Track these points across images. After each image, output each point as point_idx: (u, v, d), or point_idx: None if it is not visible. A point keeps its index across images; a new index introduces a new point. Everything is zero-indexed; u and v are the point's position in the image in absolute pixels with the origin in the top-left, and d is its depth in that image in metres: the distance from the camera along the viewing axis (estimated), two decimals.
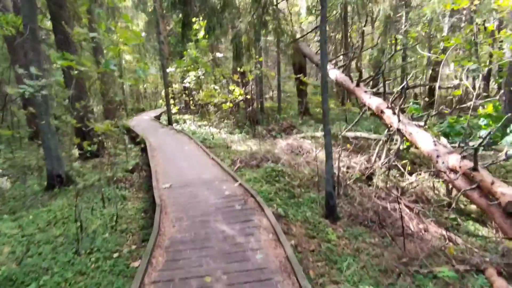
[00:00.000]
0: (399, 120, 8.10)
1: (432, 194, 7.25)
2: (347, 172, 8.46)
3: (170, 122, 15.34)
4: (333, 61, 15.78)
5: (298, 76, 19.54)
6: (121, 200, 7.20)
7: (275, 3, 10.94)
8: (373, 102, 10.01)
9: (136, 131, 14.44)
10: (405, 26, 17.53)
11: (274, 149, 12.40)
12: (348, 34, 22.97)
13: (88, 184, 8.08)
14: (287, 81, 35.36)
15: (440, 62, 10.96)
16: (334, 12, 22.36)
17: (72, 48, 10.18)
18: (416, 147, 8.08)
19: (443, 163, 6.37)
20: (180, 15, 16.12)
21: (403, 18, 19.01)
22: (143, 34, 33.68)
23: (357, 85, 11.75)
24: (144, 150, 10.73)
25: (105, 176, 8.32)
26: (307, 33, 18.19)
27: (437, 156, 6.54)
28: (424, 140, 7.09)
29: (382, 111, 9.32)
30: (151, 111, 25.36)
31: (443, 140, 7.07)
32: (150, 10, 21.97)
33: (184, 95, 18.04)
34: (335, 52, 26.15)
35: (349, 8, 21.65)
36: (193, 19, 14.19)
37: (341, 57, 17.56)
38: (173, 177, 7.23)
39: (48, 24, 12.48)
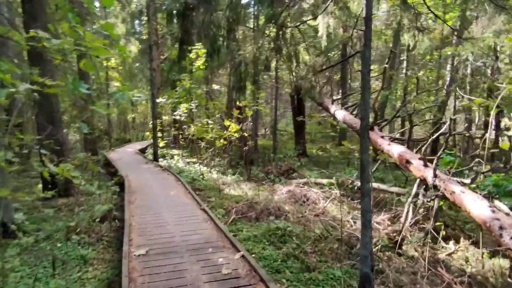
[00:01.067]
0: (436, 175, 6.65)
1: (490, 273, 5.64)
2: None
3: (156, 158, 13.66)
4: (336, 101, 14.61)
5: (300, 118, 18.43)
6: (80, 263, 5.40)
7: (293, 24, 9.69)
8: (395, 149, 8.61)
9: (117, 165, 12.70)
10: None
11: (273, 196, 10.79)
12: (348, 72, 22.18)
13: (41, 237, 6.26)
14: (279, 118, 34.30)
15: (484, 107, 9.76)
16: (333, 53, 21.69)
17: (47, 66, 8.68)
18: (456, 207, 6.60)
19: (510, 238, 4.84)
20: (177, 35, 14.77)
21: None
22: (136, 64, 32.73)
23: (371, 128, 10.43)
24: (122, 191, 9.00)
25: (66, 226, 6.52)
26: (347, 58, 16.88)
27: (500, 228, 5.02)
28: (475, 204, 5.60)
29: (407, 161, 7.90)
30: (137, 143, 23.66)
31: (501, 205, 5.59)
32: (144, 37, 20.86)
33: (173, 129, 16.50)
34: (331, 92, 25.29)
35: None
36: (189, 48, 12.95)
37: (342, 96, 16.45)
38: (152, 236, 5.49)
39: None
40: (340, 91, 24.48)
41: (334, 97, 14.72)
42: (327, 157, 20.98)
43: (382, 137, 9.84)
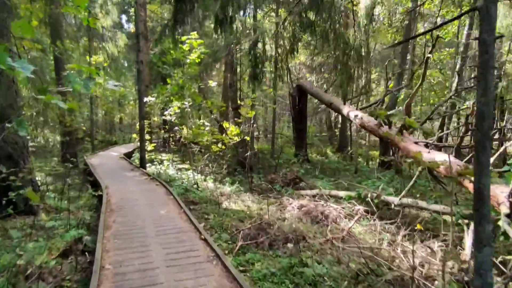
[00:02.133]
0: None
1: None
2: (427, 274, 5.17)
3: (143, 164, 11.81)
4: (349, 101, 12.99)
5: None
6: None
7: None
8: (439, 159, 6.98)
9: (97, 173, 10.83)
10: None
11: (283, 212, 9.09)
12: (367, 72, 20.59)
13: None
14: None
15: None
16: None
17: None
18: None
19: None
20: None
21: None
22: (125, 64, 30.68)
23: (399, 132, 8.80)
24: (100, 207, 7.17)
25: (12, 265, 4.68)
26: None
27: None
28: None
29: (460, 175, 6.27)
30: (123, 145, 21.70)
31: None
32: (132, 30, 18.98)
33: (163, 131, 14.66)
34: (335, 93, 23.75)
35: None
36: (184, 38, 11.15)
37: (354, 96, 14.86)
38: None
39: None
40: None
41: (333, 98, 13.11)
42: (330, 163, 19.36)
43: (416, 143, 8.22)
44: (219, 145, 11.47)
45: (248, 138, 11.09)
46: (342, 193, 9.63)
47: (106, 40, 19.17)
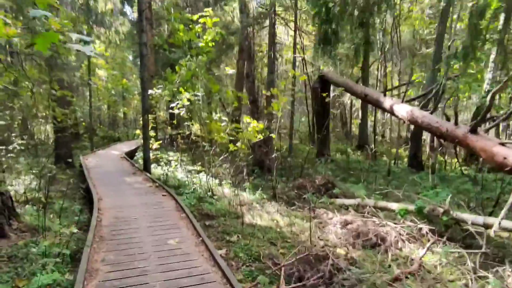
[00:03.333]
0: None
1: None
2: None
3: (147, 167, 9.94)
4: (389, 92, 11.02)
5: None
6: None
7: None
8: None
9: (91, 178, 9.01)
10: None
11: (324, 230, 7.25)
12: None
13: None
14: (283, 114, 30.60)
15: None
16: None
17: None
18: None
19: None
20: None
21: None
22: (130, 58, 28.75)
23: (473, 130, 6.86)
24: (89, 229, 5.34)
25: None
26: None
27: None
28: None
29: None
30: (126, 142, 19.88)
31: None
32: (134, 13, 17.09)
33: (170, 127, 12.81)
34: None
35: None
36: (196, 17, 9.22)
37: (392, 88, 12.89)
38: None
39: None
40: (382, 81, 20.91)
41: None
42: (354, 163, 17.40)
43: (503, 144, 6.27)
44: (239, 144, 9.58)
45: (274, 136, 9.17)
46: (394, 206, 7.70)
47: (106, 27, 17.30)
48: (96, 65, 20.35)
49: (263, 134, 9.12)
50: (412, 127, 16.09)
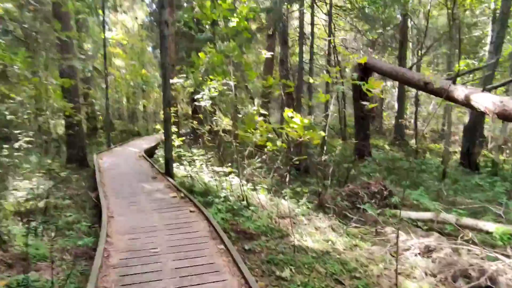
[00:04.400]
0: None
1: None
2: None
3: (169, 170, 8.39)
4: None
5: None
6: None
7: None
8: None
9: (104, 184, 7.54)
10: None
11: (399, 259, 5.53)
12: None
13: None
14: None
15: None
16: None
17: None
18: None
19: None
20: None
21: None
22: (150, 48, 27.33)
23: None
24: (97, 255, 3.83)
25: None
26: None
27: None
28: None
29: None
30: (145, 138, 18.50)
31: None
32: None
33: (195, 121, 11.24)
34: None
35: None
36: None
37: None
38: None
39: None
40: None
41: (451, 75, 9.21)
42: (396, 161, 15.42)
43: None
44: (278, 142, 7.90)
45: (323, 134, 7.43)
46: (488, 226, 5.88)
47: (122, 12, 15.85)
48: (113, 54, 19.00)
49: (307, 131, 7.39)
50: (463, 119, 14.06)
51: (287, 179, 8.57)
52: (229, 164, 10.67)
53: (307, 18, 14.57)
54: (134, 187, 7.27)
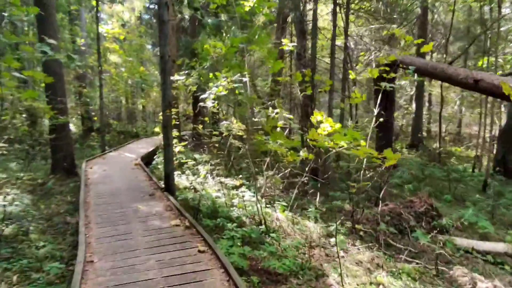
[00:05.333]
0: None
1: None
2: None
3: (169, 185, 6.86)
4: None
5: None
6: None
7: None
8: None
9: (88, 205, 6.03)
10: None
11: None
12: None
13: None
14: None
15: None
16: None
17: None
18: None
19: None
20: None
21: None
22: (150, 46, 25.79)
23: None
24: None
25: None
26: None
27: None
28: None
29: None
30: (143, 140, 16.97)
31: None
32: None
33: (199, 125, 9.72)
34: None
35: None
36: None
37: None
38: None
39: None
40: None
41: None
42: (419, 168, 13.89)
43: None
44: (302, 152, 6.39)
45: (360, 136, 5.90)
46: None
47: (118, 2, 14.32)
48: (109, 50, 17.47)
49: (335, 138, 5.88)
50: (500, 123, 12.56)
51: (304, 192, 7.05)
52: (240, 175, 9.18)
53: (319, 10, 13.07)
54: (126, 209, 5.75)
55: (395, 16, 15.98)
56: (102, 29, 16.04)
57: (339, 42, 18.81)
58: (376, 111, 6.92)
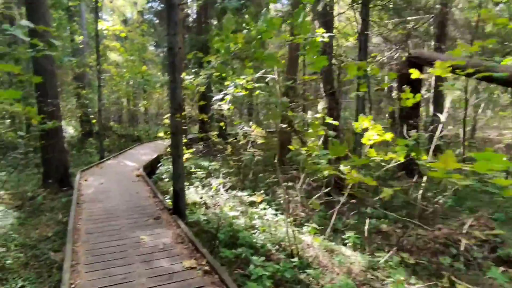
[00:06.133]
0: None
1: None
2: None
3: (178, 206, 5.64)
4: None
5: None
6: None
7: None
8: None
9: (81, 232, 4.84)
10: None
11: None
12: None
13: None
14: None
15: None
16: None
17: None
18: None
19: None
20: None
21: None
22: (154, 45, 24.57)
23: None
24: None
25: None
26: None
27: None
28: None
29: None
30: (145, 145, 15.78)
31: None
32: None
33: (206, 129, 8.53)
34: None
35: None
36: None
37: None
38: None
39: None
40: None
41: None
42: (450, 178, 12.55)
43: None
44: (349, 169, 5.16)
45: (424, 155, 4.68)
46: None
47: None
48: (109, 48, 16.32)
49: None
50: None
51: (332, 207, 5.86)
52: (259, 190, 7.96)
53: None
54: (124, 240, 4.55)
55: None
56: (102, 25, 14.87)
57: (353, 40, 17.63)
58: (443, 117, 5.68)
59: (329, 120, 4.50)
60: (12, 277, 4.55)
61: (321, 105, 4.30)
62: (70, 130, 19.01)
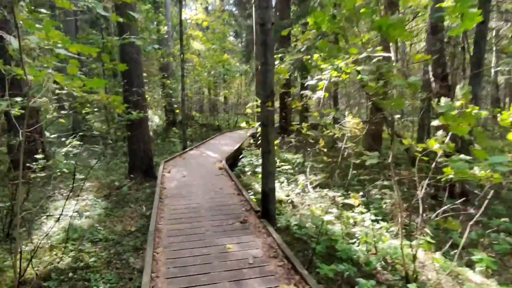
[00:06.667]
0: None
1: None
2: None
3: (267, 209, 4.90)
4: None
5: None
6: None
7: None
8: None
9: (162, 236, 4.38)
10: None
11: None
12: None
13: None
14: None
15: None
16: None
17: None
18: None
19: None
20: None
21: None
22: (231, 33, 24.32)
23: None
24: None
25: None
26: None
27: None
28: None
29: None
30: (226, 135, 15.53)
31: None
32: None
33: (287, 119, 7.65)
34: None
35: None
36: None
37: None
38: None
39: None
40: None
41: None
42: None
43: None
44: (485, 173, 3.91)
45: None
46: None
47: None
48: (192, 37, 16.30)
49: None
50: None
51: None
52: (359, 192, 6.91)
53: None
54: (209, 248, 3.94)
55: None
56: (185, 15, 14.81)
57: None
58: None
59: (475, 109, 3.31)
60: (94, 277, 4.26)
61: (462, 89, 3.21)
62: (156, 119, 19.67)
